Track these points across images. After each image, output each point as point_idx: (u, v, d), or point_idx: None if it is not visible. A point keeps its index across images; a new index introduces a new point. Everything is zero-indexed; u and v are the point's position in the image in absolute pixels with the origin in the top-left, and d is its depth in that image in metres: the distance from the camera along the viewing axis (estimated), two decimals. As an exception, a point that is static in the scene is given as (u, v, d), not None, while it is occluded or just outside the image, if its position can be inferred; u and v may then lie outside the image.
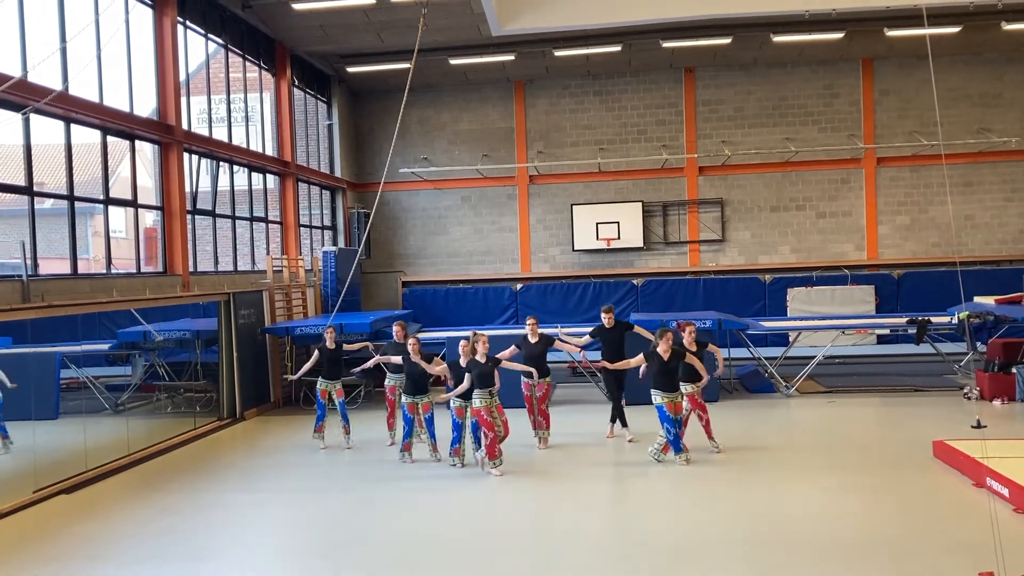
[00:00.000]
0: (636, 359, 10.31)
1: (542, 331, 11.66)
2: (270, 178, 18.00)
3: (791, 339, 16.37)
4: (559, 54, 19.04)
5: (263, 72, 17.75)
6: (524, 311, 20.68)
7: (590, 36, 18.43)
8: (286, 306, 16.54)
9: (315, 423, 11.91)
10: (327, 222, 21.15)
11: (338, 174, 21.03)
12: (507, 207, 21.69)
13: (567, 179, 21.46)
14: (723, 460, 10.28)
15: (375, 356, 11.72)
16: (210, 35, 15.58)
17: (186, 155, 14.33)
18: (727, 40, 18.44)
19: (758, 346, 16.55)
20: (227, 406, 14.16)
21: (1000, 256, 20.37)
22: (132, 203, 13.02)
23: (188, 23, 14.70)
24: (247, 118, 17.21)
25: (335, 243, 21.10)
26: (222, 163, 16.01)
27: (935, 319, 15.25)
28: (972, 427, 10.68)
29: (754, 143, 20.87)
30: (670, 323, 14.06)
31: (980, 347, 15.75)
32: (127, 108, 12.80)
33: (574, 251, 21.26)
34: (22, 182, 10.55)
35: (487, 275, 21.63)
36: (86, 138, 12.24)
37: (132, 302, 12.21)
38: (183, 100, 14.16)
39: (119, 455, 11.35)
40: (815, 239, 20.96)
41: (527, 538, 7.80)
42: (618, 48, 18.89)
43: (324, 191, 20.97)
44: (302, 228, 19.13)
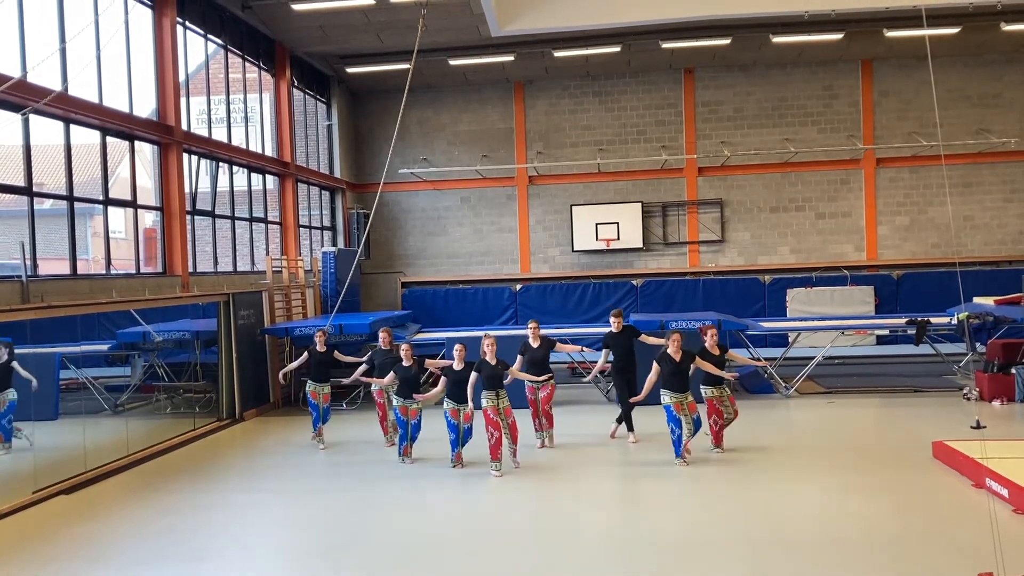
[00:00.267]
0: (653, 372, 10.20)
1: (543, 333, 11.68)
2: (269, 179, 18.00)
3: (791, 340, 16.38)
4: (558, 55, 19.03)
5: (263, 73, 17.75)
6: (523, 311, 20.68)
7: (589, 37, 18.42)
8: (285, 307, 16.54)
9: (312, 426, 11.92)
10: (326, 223, 21.15)
11: (337, 175, 21.03)
12: (506, 208, 21.69)
13: (566, 180, 21.46)
14: (723, 460, 10.30)
15: (367, 379, 11.54)
16: (210, 36, 15.57)
17: (185, 156, 14.32)
18: (726, 41, 18.44)
19: (757, 347, 16.55)
20: (226, 407, 14.15)
21: (999, 257, 20.36)
22: (132, 204, 13.02)
23: (188, 24, 14.70)
24: (247, 119, 17.20)
25: (334, 244, 21.09)
26: (221, 164, 16.01)
27: (934, 320, 15.27)
28: (971, 428, 10.68)
29: (753, 144, 20.88)
30: (669, 324, 14.14)
31: (979, 348, 15.76)
32: (127, 109, 12.80)
33: (573, 252, 21.26)
34: (21, 182, 10.55)
35: (487, 276, 21.62)
36: (86, 138, 12.23)
37: (131, 303, 12.21)
38: (183, 101, 14.16)
39: (119, 456, 11.34)
40: (814, 240, 20.97)
41: (527, 538, 7.80)
42: (617, 49, 18.89)
43: (323, 192, 20.97)
44: (301, 229, 19.12)
